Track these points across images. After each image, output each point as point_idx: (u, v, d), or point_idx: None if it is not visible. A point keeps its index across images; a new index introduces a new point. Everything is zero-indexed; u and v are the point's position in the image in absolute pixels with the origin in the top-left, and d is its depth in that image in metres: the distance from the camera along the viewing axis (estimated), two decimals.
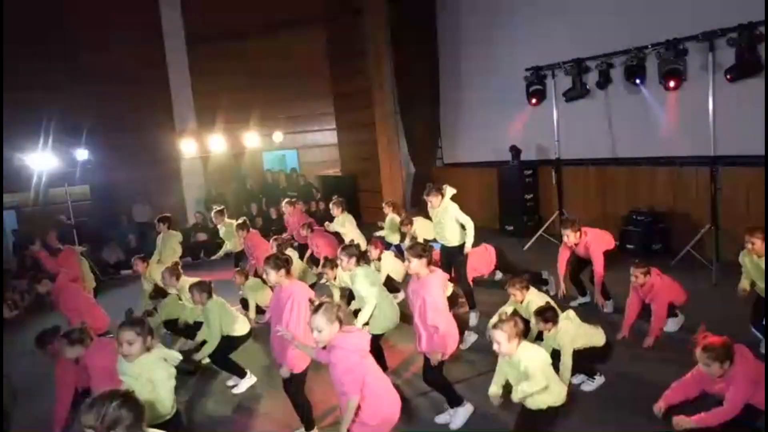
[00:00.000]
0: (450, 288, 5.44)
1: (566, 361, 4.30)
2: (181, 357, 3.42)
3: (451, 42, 11.91)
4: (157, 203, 12.74)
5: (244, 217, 8.53)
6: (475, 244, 6.21)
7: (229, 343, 5.31)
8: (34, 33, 11.67)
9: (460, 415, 4.25)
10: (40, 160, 10.72)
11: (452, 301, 5.32)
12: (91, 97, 11.96)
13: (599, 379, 4.60)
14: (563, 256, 6.14)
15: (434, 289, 4.03)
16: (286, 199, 9.48)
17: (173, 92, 13.29)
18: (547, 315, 4.42)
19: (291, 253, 7.26)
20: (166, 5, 13.04)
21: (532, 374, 3.36)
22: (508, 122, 10.49)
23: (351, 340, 3.19)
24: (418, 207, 8.73)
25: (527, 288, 4.96)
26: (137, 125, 12.68)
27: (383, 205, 8.81)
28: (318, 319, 3.14)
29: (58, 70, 11.81)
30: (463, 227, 5.89)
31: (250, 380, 5.37)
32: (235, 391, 5.33)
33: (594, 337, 4.63)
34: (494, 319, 3.88)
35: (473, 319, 6.13)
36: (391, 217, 8.48)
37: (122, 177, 12.53)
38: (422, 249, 4.06)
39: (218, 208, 8.82)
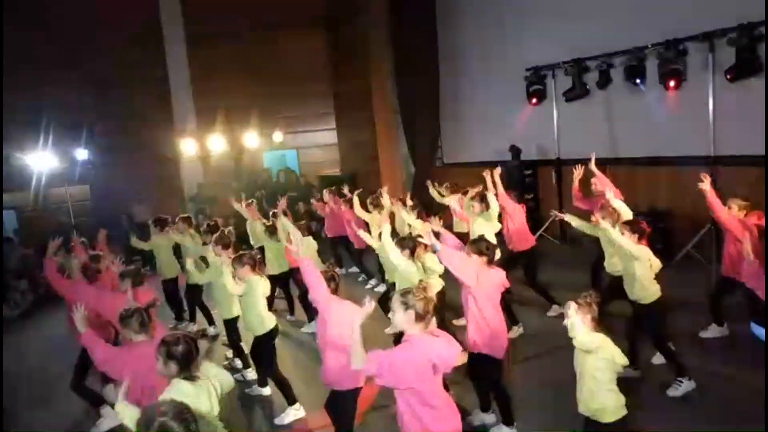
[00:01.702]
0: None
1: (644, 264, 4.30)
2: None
3: (451, 42, 11.91)
4: (157, 203, 12.74)
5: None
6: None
7: (255, 342, 4.92)
8: (34, 33, 11.67)
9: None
10: (40, 160, 10.72)
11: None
12: (91, 97, 11.98)
13: (687, 384, 4.38)
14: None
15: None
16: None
17: (173, 92, 13.29)
18: (636, 227, 4.43)
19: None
20: (166, 5, 13.04)
21: (589, 371, 3.15)
22: (508, 122, 10.49)
23: (426, 340, 2.89)
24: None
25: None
26: (137, 125, 12.68)
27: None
28: (393, 301, 2.98)
29: (58, 70, 11.82)
30: None
31: (298, 412, 4.77)
32: (280, 422, 4.81)
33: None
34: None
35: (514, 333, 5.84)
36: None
37: (122, 177, 12.53)
38: (485, 247, 3.92)
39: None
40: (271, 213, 7.67)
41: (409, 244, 4.81)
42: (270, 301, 7.06)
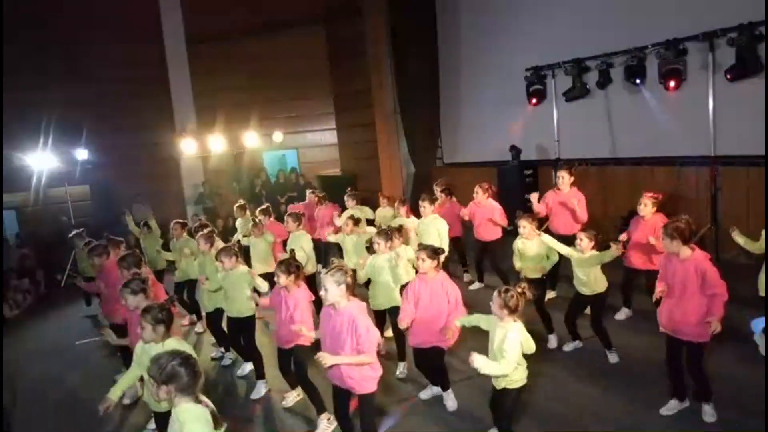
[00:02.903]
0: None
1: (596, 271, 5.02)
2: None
3: (451, 42, 11.91)
4: (157, 203, 12.73)
5: (267, 204, 8.39)
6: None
7: (240, 325, 5.36)
8: (34, 33, 11.67)
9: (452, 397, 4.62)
10: (40, 160, 10.72)
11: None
12: (90, 98, 11.96)
13: (577, 343, 5.31)
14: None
15: (450, 286, 4.32)
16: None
17: (173, 92, 13.29)
18: (595, 235, 5.05)
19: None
20: (166, 5, 13.04)
21: (507, 351, 3.49)
22: (508, 122, 10.49)
23: (355, 306, 3.52)
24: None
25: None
26: (137, 125, 12.69)
27: (380, 197, 8.72)
28: (325, 279, 3.44)
29: (58, 70, 11.82)
30: None
31: (265, 383, 5.32)
32: (240, 372, 5.69)
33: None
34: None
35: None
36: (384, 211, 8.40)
37: (122, 177, 12.54)
38: (433, 251, 4.30)
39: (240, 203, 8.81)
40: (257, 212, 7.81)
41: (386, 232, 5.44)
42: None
